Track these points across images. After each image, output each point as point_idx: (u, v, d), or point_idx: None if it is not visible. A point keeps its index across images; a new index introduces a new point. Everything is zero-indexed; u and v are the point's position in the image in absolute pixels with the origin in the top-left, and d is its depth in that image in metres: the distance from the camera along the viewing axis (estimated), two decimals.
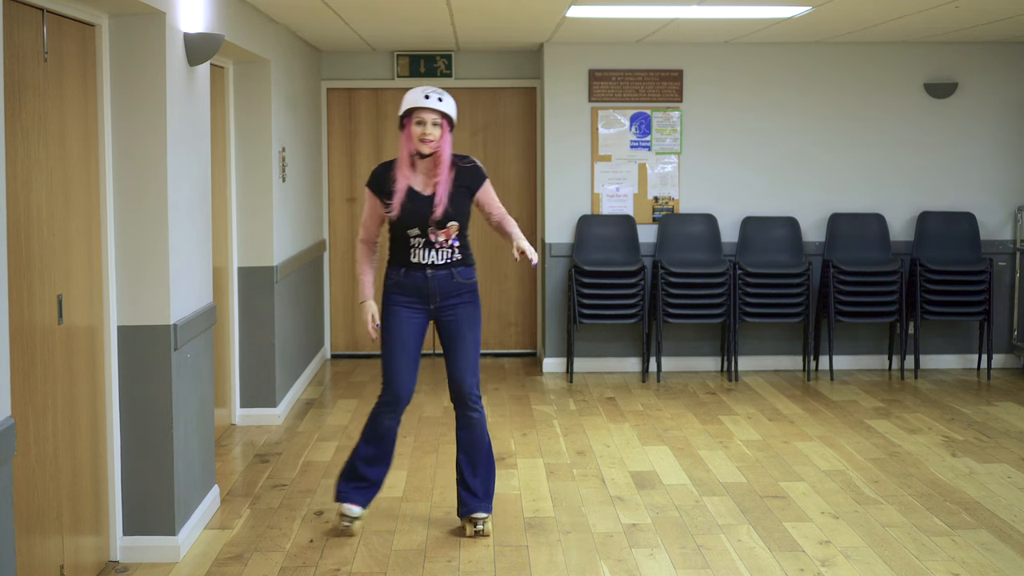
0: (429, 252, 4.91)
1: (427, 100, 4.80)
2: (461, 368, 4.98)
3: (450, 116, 4.86)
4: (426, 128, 4.81)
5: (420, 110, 4.81)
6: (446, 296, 4.94)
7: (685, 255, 8.56)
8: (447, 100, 4.86)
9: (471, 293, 4.99)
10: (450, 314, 4.97)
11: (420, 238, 4.90)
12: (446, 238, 4.90)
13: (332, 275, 9.46)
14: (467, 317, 4.97)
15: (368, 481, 5.09)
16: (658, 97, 8.73)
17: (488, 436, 5.09)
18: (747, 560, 4.78)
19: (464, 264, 4.97)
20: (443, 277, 4.92)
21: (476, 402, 5.02)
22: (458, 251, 4.94)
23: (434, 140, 4.82)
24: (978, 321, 8.66)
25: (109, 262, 4.69)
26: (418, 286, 4.93)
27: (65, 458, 4.27)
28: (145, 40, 4.67)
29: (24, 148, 3.89)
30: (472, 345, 4.98)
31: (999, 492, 5.69)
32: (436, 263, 4.91)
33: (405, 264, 4.94)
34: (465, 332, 4.97)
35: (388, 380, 4.99)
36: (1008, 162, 8.82)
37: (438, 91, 4.86)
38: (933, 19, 7.23)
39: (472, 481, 5.07)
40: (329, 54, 9.29)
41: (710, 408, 7.55)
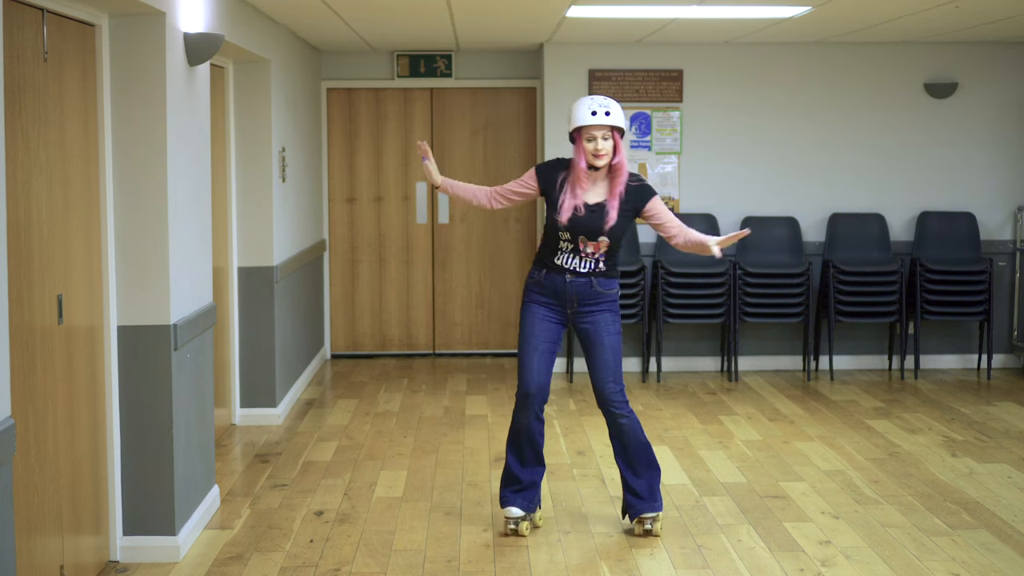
0: (573, 258, 4.94)
1: (594, 117, 4.80)
2: (602, 376, 4.97)
3: (619, 127, 4.86)
4: (597, 144, 4.82)
5: (588, 127, 4.82)
6: (583, 302, 4.96)
7: (685, 255, 8.55)
8: (614, 112, 4.83)
9: (610, 303, 4.99)
10: (587, 321, 4.98)
11: (569, 243, 4.93)
12: (594, 251, 4.92)
13: (332, 275, 9.46)
14: (605, 324, 4.97)
15: (521, 483, 5.07)
16: (658, 97, 8.73)
17: (644, 436, 5.05)
18: (747, 560, 4.78)
19: (606, 276, 4.98)
20: (582, 284, 4.94)
21: (622, 407, 4.99)
22: (603, 263, 4.96)
23: (607, 154, 4.84)
24: (978, 321, 8.66)
25: (109, 262, 4.69)
26: (556, 289, 4.96)
27: (65, 458, 4.27)
28: (145, 40, 4.67)
29: (24, 148, 3.89)
30: (611, 351, 4.96)
31: (999, 492, 5.69)
32: (578, 270, 4.94)
33: (548, 266, 4.99)
34: (603, 338, 4.96)
35: (520, 375, 5.03)
36: (1008, 162, 8.82)
37: (605, 103, 4.84)
38: (933, 19, 7.23)
39: (635, 483, 5.04)
40: (329, 54, 9.29)
41: (710, 408, 7.55)
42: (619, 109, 4.88)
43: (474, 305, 9.53)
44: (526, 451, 5.07)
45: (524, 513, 5.06)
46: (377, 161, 9.42)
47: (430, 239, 9.48)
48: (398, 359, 9.42)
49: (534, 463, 5.09)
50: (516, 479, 5.08)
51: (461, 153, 9.43)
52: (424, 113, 9.39)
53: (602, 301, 4.97)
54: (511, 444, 5.11)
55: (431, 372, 8.91)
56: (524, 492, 5.08)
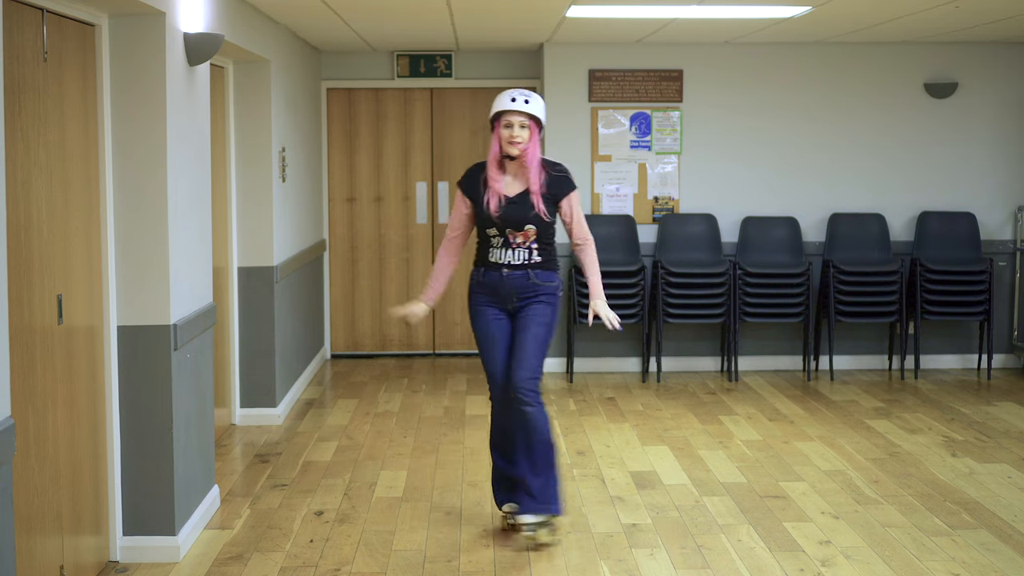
0: (506, 252, 4.96)
1: (514, 103, 4.85)
2: (516, 360, 4.90)
3: (538, 117, 4.89)
4: (513, 130, 4.86)
5: (508, 113, 4.86)
6: (522, 296, 4.97)
7: (685, 255, 8.56)
8: (534, 102, 4.89)
9: (549, 296, 4.99)
10: (523, 313, 4.98)
11: (499, 238, 4.96)
12: (524, 240, 4.94)
13: (332, 275, 9.46)
14: (536, 314, 4.95)
15: (515, 481, 5.04)
16: (658, 97, 8.73)
17: (550, 435, 4.95)
18: (747, 560, 4.78)
19: (543, 268, 4.98)
20: (519, 277, 4.95)
21: (530, 395, 4.86)
22: (537, 253, 4.96)
23: (522, 142, 4.87)
24: (978, 321, 8.65)
25: (109, 262, 4.69)
26: (494, 285, 4.97)
27: (65, 458, 4.27)
28: (145, 40, 4.67)
29: (24, 148, 3.89)
30: (533, 340, 4.91)
31: (999, 492, 5.69)
32: (512, 263, 4.95)
33: (485, 264, 5.01)
34: (531, 327, 4.93)
35: (489, 376, 5.02)
36: (1008, 162, 8.82)
37: (526, 93, 4.90)
38: (933, 19, 7.23)
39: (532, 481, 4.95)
40: (329, 54, 9.29)
41: (710, 408, 7.55)
42: (541, 102, 4.92)
43: None
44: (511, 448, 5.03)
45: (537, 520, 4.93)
46: (377, 161, 9.42)
47: (430, 239, 9.48)
48: (398, 359, 9.42)
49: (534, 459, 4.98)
50: (509, 477, 5.07)
51: (461, 153, 9.43)
52: (424, 113, 9.39)
53: (540, 293, 4.98)
54: (495, 446, 5.09)
55: (431, 372, 8.90)
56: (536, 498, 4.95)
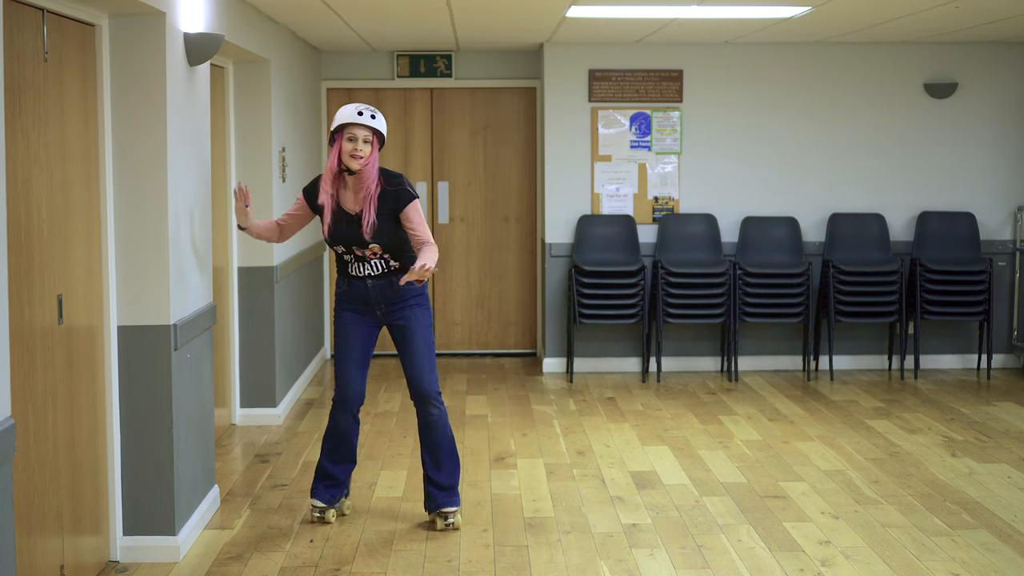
0: (363, 266, 5.06)
1: (360, 117, 4.91)
2: (416, 368, 5.13)
3: (381, 133, 4.97)
4: (357, 144, 4.91)
5: (352, 126, 4.91)
6: (390, 303, 5.09)
7: (685, 255, 8.56)
8: (379, 118, 4.99)
9: (417, 297, 5.11)
10: (398, 318, 5.11)
11: (348, 255, 5.06)
12: (372, 255, 5.02)
13: (332, 275, 9.45)
14: (414, 319, 5.10)
15: (335, 479, 5.28)
16: (658, 97, 8.73)
17: (450, 431, 5.25)
18: (747, 560, 4.78)
19: (404, 272, 5.04)
20: (384, 286, 5.07)
21: (436, 398, 5.18)
22: (393, 261, 5.04)
23: (364, 156, 4.92)
24: (978, 321, 8.65)
25: (109, 262, 4.69)
26: (362, 295, 5.10)
27: (65, 458, 4.27)
28: (145, 40, 4.67)
29: (24, 148, 3.89)
30: (423, 344, 5.12)
31: (999, 492, 5.69)
32: (373, 274, 5.05)
33: (347, 276, 5.12)
34: (414, 332, 5.11)
35: (337, 382, 5.24)
36: (1008, 162, 8.82)
37: (371, 108, 4.98)
38: (933, 19, 7.23)
39: (437, 476, 5.21)
40: (329, 54, 9.29)
41: (710, 408, 7.55)
42: (384, 121, 5.02)
43: (474, 305, 9.53)
44: (341, 449, 5.25)
45: (325, 505, 5.25)
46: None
47: None
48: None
49: (347, 460, 5.28)
50: (330, 475, 5.26)
51: (461, 153, 9.43)
52: (424, 113, 9.39)
53: (408, 297, 5.09)
54: (327, 442, 5.28)
55: None
56: (335, 487, 5.26)
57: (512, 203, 9.40)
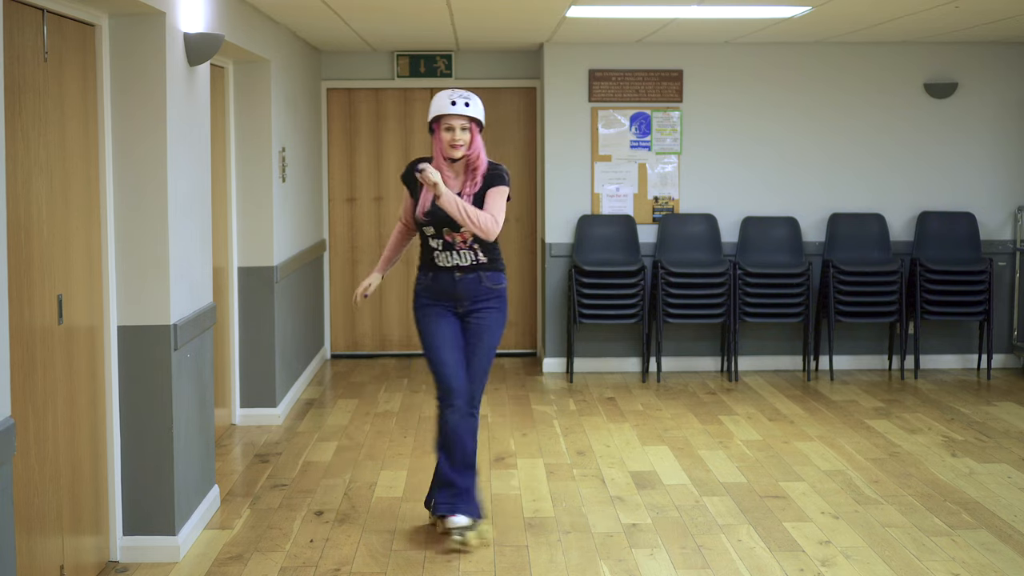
0: (451, 255, 4.92)
1: (453, 107, 4.81)
2: (472, 371, 4.98)
3: (478, 119, 4.87)
4: (455, 134, 4.83)
5: (447, 116, 4.83)
6: (474, 300, 4.96)
7: (685, 255, 8.56)
8: (473, 103, 4.86)
9: (498, 299, 4.99)
10: (476, 318, 4.98)
11: (436, 239, 4.92)
12: (463, 240, 4.90)
13: (332, 275, 9.46)
14: (489, 324, 4.97)
15: (454, 486, 4.97)
16: (658, 97, 8.73)
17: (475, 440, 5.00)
18: (747, 560, 4.78)
19: (491, 268, 4.97)
20: (471, 281, 4.93)
21: (477, 405, 5.02)
22: (481, 253, 4.93)
23: (463, 144, 4.85)
24: (978, 321, 8.65)
25: (109, 262, 4.69)
26: (445, 290, 4.95)
27: (65, 458, 4.27)
28: (145, 40, 4.67)
29: (24, 148, 3.89)
30: (485, 351, 4.98)
31: (999, 492, 5.69)
32: (461, 265, 4.92)
33: (432, 268, 4.98)
34: (484, 337, 4.97)
35: (437, 377, 5.00)
36: (1008, 162, 8.82)
37: (464, 94, 4.86)
38: (933, 19, 7.23)
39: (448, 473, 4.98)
40: (329, 54, 9.29)
41: (710, 408, 7.55)
42: (479, 103, 4.90)
43: None
44: (456, 452, 4.96)
45: (470, 521, 4.91)
46: (377, 161, 9.42)
47: None
48: (398, 359, 9.42)
49: (464, 465, 4.96)
50: (450, 481, 4.96)
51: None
52: (424, 113, 9.39)
53: (491, 298, 4.98)
54: (441, 450, 5.00)
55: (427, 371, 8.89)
56: (457, 495, 4.94)
57: (512, 203, 9.38)
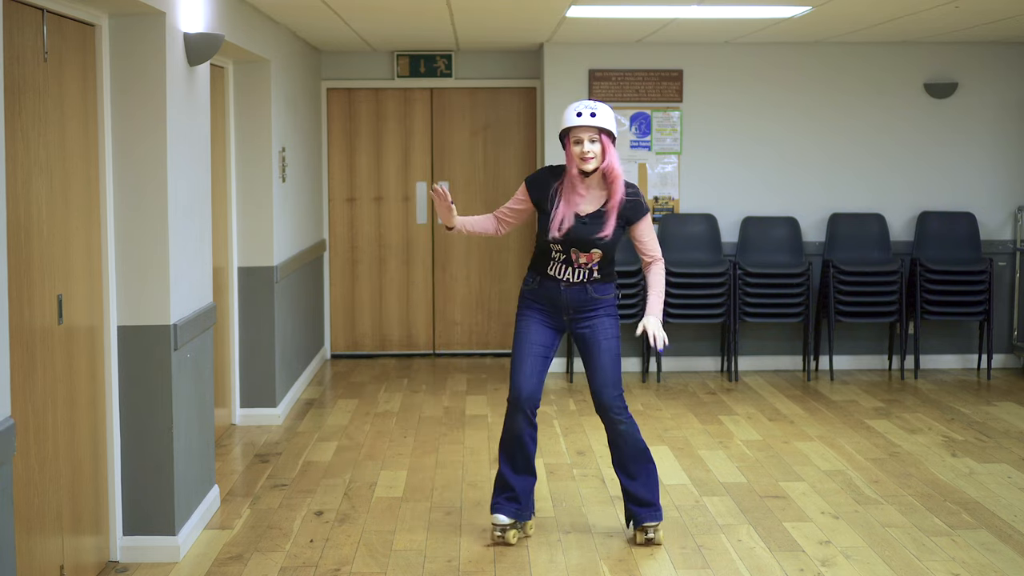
0: (566, 269, 4.85)
1: (579, 118, 4.71)
2: (601, 381, 4.86)
3: (608, 130, 4.75)
4: (584, 147, 4.71)
5: (575, 129, 4.73)
6: (580, 309, 4.88)
7: (685, 255, 8.56)
8: (601, 113, 4.72)
9: (608, 307, 4.90)
10: (585, 326, 4.89)
11: (562, 254, 4.84)
12: (587, 261, 4.83)
13: (332, 275, 9.46)
14: (603, 328, 4.88)
15: (513, 490, 4.94)
16: (658, 97, 8.73)
17: (642, 441, 4.96)
18: (747, 560, 4.78)
19: (602, 281, 4.88)
20: (577, 291, 4.85)
21: (621, 413, 4.88)
22: (597, 272, 4.86)
23: (595, 157, 4.73)
24: (978, 321, 8.65)
25: (109, 262, 4.69)
26: (551, 297, 4.88)
27: (65, 458, 4.27)
28: (145, 40, 4.67)
29: (24, 148, 3.89)
30: (609, 356, 4.86)
31: (999, 492, 5.69)
32: (571, 280, 4.85)
33: (542, 274, 4.90)
34: (601, 343, 4.86)
35: (512, 379, 4.94)
36: (1008, 162, 8.82)
37: (591, 105, 4.75)
38: (933, 19, 7.23)
39: (636, 490, 4.94)
40: (329, 54, 9.29)
41: (710, 408, 7.55)
42: (608, 112, 4.76)
43: (474, 305, 9.53)
44: (517, 457, 4.94)
45: (512, 521, 4.95)
46: (377, 161, 9.42)
47: (430, 239, 9.48)
48: (398, 359, 9.42)
49: (524, 471, 4.97)
50: (508, 486, 4.95)
51: (461, 153, 9.43)
52: (424, 113, 9.39)
53: (599, 307, 4.88)
54: (503, 449, 5.00)
55: (431, 372, 8.90)
56: (515, 500, 4.96)
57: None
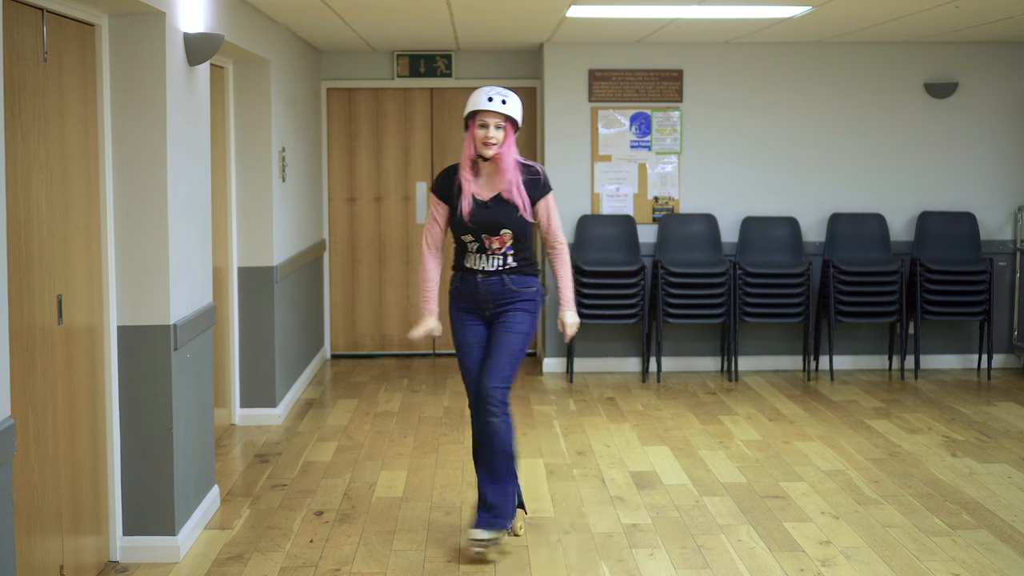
0: (481, 258, 4.84)
1: (490, 103, 4.72)
2: (488, 369, 4.79)
3: (514, 119, 4.77)
4: (488, 131, 4.73)
5: (483, 113, 4.75)
6: (499, 303, 4.85)
7: (685, 255, 8.56)
8: (511, 102, 4.75)
9: (526, 301, 4.86)
10: (501, 319, 4.86)
11: (475, 243, 4.84)
12: (500, 245, 4.82)
13: (332, 275, 9.46)
14: (512, 321, 4.82)
15: (483, 502, 4.84)
16: (658, 97, 8.73)
17: (511, 447, 4.82)
18: (747, 560, 4.78)
19: (520, 272, 4.86)
20: (494, 283, 4.83)
21: (497, 406, 4.76)
22: (512, 259, 4.84)
23: (497, 143, 4.74)
24: (978, 321, 8.65)
25: (109, 262, 4.69)
26: (472, 293, 4.86)
27: (65, 458, 4.27)
28: (145, 40, 4.67)
29: (24, 148, 3.89)
30: (507, 349, 4.79)
31: (999, 492, 5.69)
32: (487, 269, 4.83)
33: (462, 269, 4.90)
34: (504, 334, 4.80)
35: (465, 385, 4.92)
36: (1008, 162, 8.82)
37: (502, 92, 4.76)
38: (933, 19, 7.23)
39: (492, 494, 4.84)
40: (329, 54, 9.29)
41: (710, 408, 7.55)
42: (518, 102, 4.78)
43: None
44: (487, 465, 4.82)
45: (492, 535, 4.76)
46: (377, 161, 9.42)
47: None
48: (398, 359, 9.42)
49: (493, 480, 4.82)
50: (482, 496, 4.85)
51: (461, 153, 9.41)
52: (424, 113, 9.39)
53: (517, 299, 4.84)
54: (478, 461, 4.88)
55: (431, 372, 8.90)
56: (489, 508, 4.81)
57: None
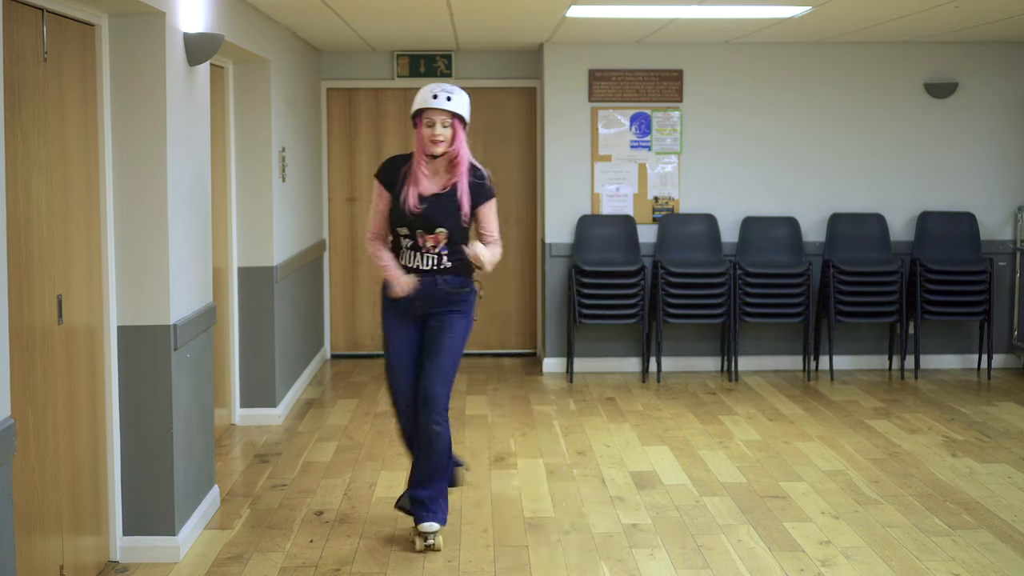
0: (415, 256, 4.79)
1: (435, 100, 4.67)
2: (431, 376, 4.77)
3: (461, 115, 4.72)
4: (435, 129, 4.68)
5: (429, 111, 4.69)
6: (429, 303, 4.81)
7: (685, 255, 8.56)
8: (457, 98, 4.70)
9: (460, 304, 4.83)
10: (433, 321, 4.83)
11: (408, 239, 4.80)
12: (434, 244, 4.77)
13: (332, 275, 9.46)
14: (448, 325, 4.80)
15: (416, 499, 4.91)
16: (658, 97, 8.73)
17: (450, 453, 4.89)
18: (747, 560, 4.78)
19: (455, 272, 4.81)
20: (428, 283, 4.78)
21: (441, 414, 4.79)
22: (447, 259, 4.79)
23: (444, 140, 4.70)
24: (978, 321, 8.65)
25: (109, 262, 4.69)
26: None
27: (65, 458, 4.27)
28: (145, 40, 4.67)
29: (24, 148, 3.89)
30: (447, 355, 4.79)
31: (999, 492, 5.69)
32: (422, 268, 4.79)
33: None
34: (442, 338, 4.79)
35: (390, 382, 4.95)
36: (1008, 162, 8.82)
37: (448, 89, 4.70)
38: (933, 19, 7.23)
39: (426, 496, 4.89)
40: (329, 54, 9.29)
41: (710, 408, 7.55)
42: (464, 98, 4.73)
43: None
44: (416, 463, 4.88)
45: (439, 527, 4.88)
46: (377, 161, 9.41)
47: None
48: None
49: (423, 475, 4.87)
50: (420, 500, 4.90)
51: None
52: None
53: (449, 302, 4.81)
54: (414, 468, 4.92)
55: None
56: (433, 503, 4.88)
57: (512, 203, 9.39)
